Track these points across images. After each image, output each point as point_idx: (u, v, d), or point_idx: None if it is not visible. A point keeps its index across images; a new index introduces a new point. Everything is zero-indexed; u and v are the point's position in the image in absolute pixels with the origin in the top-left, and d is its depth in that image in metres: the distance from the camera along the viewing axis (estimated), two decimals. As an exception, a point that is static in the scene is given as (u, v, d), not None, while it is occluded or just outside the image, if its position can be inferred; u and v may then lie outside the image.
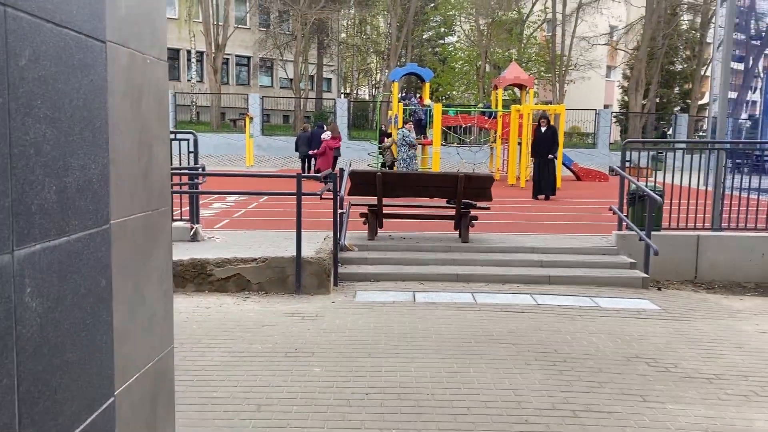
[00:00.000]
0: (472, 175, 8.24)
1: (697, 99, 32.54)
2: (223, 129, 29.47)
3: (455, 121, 19.18)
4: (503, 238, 8.70)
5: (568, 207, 13.29)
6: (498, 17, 33.20)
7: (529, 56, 33.36)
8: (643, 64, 28.83)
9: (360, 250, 8.01)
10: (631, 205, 8.37)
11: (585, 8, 31.47)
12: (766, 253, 8.12)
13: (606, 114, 26.52)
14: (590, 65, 33.26)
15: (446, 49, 40.64)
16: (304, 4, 28.08)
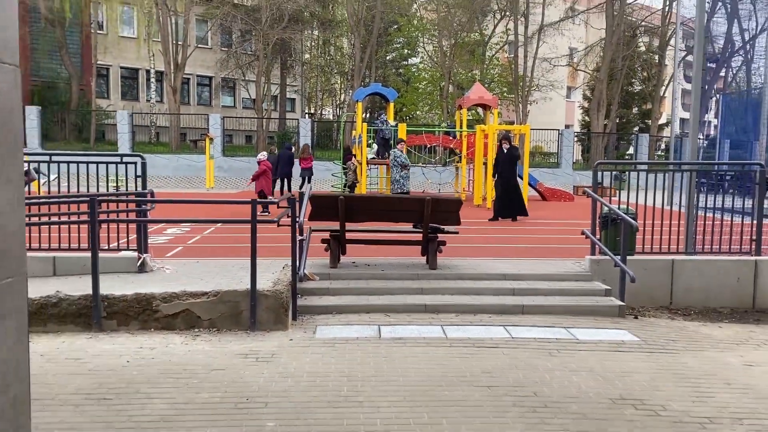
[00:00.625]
0: (440, 198, 7.83)
1: (656, 119, 33.06)
2: (183, 150, 28.66)
3: (420, 140, 18.89)
4: (473, 263, 8.30)
5: (537, 229, 13.01)
6: (461, 38, 33.31)
7: (492, 77, 33.51)
8: (605, 85, 29.16)
9: (321, 279, 7.50)
10: (603, 229, 8.07)
11: (546, 30, 31.78)
12: (742, 278, 7.90)
13: (569, 134, 26.65)
14: (552, 86, 33.57)
15: (409, 69, 40.66)
16: (266, 24, 27.63)
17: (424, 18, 37.47)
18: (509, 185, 13.63)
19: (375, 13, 32.26)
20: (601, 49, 36.07)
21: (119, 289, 6.44)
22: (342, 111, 34.17)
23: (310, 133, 25.27)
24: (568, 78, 42.11)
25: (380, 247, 8.52)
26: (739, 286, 7.91)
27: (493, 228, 12.93)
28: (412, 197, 7.88)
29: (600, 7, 33.09)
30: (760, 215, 7.95)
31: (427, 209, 7.61)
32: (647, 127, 39.56)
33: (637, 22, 32.65)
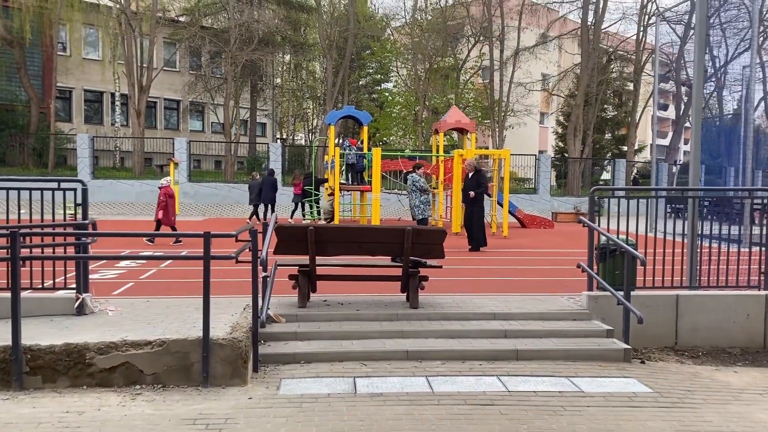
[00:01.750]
0: (422, 229, 7.02)
1: (632, 144, 32.96)
2: (147, 175, 27.49)
3: (395, 165, 18.16)
4: (458, 300, 7.48)
5: (522, 259, 12.27)
6: (435, 63, 32.96)
7: (467, 101, 33.15)
8: (581, 110, 28.93)
9: (288, 322, 6.59)
10: (601, 261, 7.33)
11: (521, 54, 31.61)
12: (752, 314, 7.21)
13: (546, 159, 26.25)
14: (527, 111, 33.34)
15: (383, 94, 40.23)
16: (234, 45, 26.82)
17: (398, 42, 37.15)
18: (469, 214, 13.01)
19: (347, 35, 31.75)
20: (575, 75, 36.11)
21: (48, 337, 5.46)
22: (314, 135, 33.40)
23: (281, 158, 24.39)
24: (541, 104, 42.10)
25: (355, 284, 7.65)
26: (749, 323, 7.22)
27: (474, 258, 12.16)
28: (390, 228, 7.05)
29: (574, 33, 33.11)
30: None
31: (408, 241, 6.80)
32: (621, 152, 39.57)
33: (611, 48, 32.67)
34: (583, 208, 24.68)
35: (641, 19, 30.74)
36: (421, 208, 12.81)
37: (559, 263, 11.58)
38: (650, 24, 30.85)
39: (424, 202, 12.83)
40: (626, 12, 30.96)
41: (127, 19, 26.62)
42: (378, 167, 15.78)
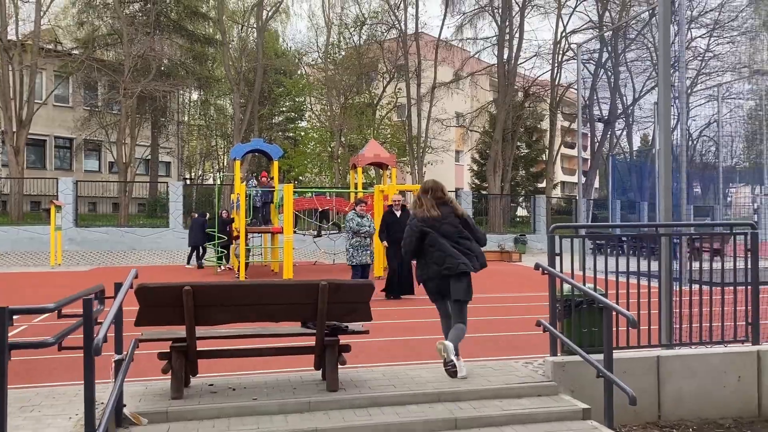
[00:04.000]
0: (342, 283, 5.31)
1: (551, 180, 32.87)
2: (29, 221, 24.28)
3: (310, 204, 16.44)
4: (391, 374, 5.78)
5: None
6: (350, 98, 31.84)
7: (385, 137, 32.09)
8: (500, 146, 28.45)
9: (154, 422, 4.65)
10: (566, 317, 5.88)
11: (438, 89, 31.02)
12: (743, 376, 5.94)
13: (467, 195, 25.36)
14: (445, 148, 32.68)
15: (297, 130, 38.69)
16: (128, 76, 24.42)
17: (311, 76, 35.87)
18: (393, 254, 11.04)
19: (257, 67, 30.06)
20: (490, 114, 36.01)
21: None
22: (221, 173, 31.19)
23: (182, 198, 22.09)
24: (456, 141, 41.83)
25: (253, 360, 5.81)
26: (741, 386, 5.94)
27: (403, 310, 10.53)
28: (298, 283, 5.31)
29: (488, 70, 33.03)
30: (756, 290, 6.12)
31: (323, 300, 5.08)
32: (536, 189, 39.68)
33: (526, 85, 32.74)
34: (506, 245, 23.79)
35: (555, 57, 30.97)
36: (350, 253, 10.97)
37: (500, 312, 10.17)
38: (564, 61, 31.17)
39: (355, 245, 10.91)
40: (540, 50, 31.14)
41: (2, 46, 23.71)
42: (290, 205, 14.00)
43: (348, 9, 33.67)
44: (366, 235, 10.79)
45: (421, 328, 8.53)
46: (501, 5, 29.31)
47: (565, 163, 64.94)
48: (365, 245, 10.80)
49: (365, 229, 10.79)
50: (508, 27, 29.23)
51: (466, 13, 31.62)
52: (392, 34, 31.68)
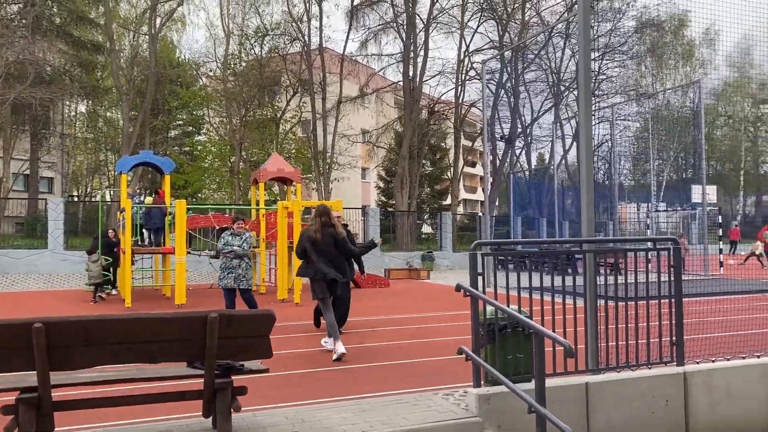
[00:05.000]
0: (236, 314, 4.48)
1: (456, 197, 33.11)
2: None
3: (206, 221, 15.26)
4: (295, 417, 4.98)
5: (366, 333, 10.04)
6: (252, 111, 30.66)
7: (289, 152, 31.10)
8: (407, 162, 28.26)
9: (-11, 502, 3.61)
10: (490, 342, 5.34)
11: (344, 104, 30.52)
12: (671, 399, 5.63)
13: (375, 212, 24.84)
14: (352, 164, 32.17)
15: (193, 143, 36.84)
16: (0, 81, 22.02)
17: (209, 87, 34.34)
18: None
19: (149, 76, 28.28)
20: (394, 131, 35.95)
21: None
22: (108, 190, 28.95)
23: (63, 216, 20.05)
24: (363, 158, 41.54)
25: (129, 409, 4.82)
26: (669, 411, 5.62)
27: (308, 336, 9.70)
28: (182, 316, 4.43)
29: (394, 86, 32.98)
30: (679, 308, 5.86)
31: (212, 335, 4.24)
32: (441, 206, 40.01)
33: (431, 103, 32.91)
34: (414, 262, 23.48)
35: (458, 76, 31.36)
36: (219, 277, 9.68)
37: (413, 334, 9.58)
38: (468, 80, 31.62)
39: (221, 267, 9.64)
40: (444, 68, 31.50)
41: None
42: (182, 223, 12.82)
43: (249, 20, 32.58)
44: (232, 256, 9.45)
45: (327, 357, 7.77)
46: (405, 22, 29.34)
47: (467, 181, 66.48)
48: (230, 267, 9.49)
49: (229, 249, 9.47)
50: (413, 44, 29.28)
51: (370, 28, 31.48)
52: (296, 46, 30.92)
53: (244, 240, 9.51)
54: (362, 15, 31.09)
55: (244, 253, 9.49)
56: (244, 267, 9.53)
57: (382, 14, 31.05)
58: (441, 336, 9.34)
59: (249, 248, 9.60)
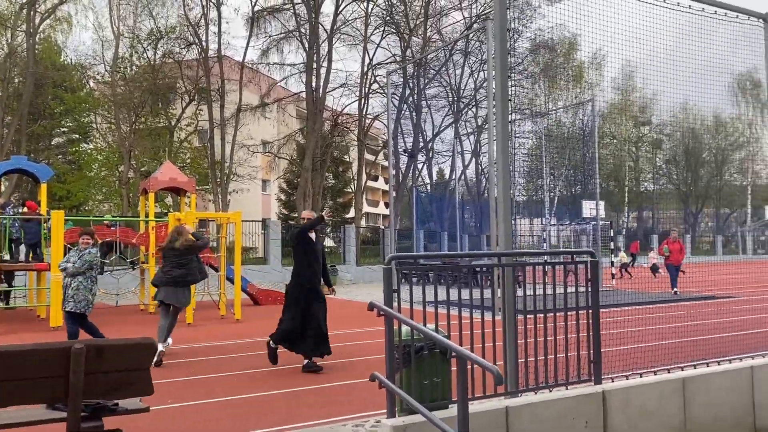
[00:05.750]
0: (107, 345, 3.73)
1: (360, 210, 32.75)
2: None
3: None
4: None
5: (261, 355, 9.31)
6: (144, 117, 28.90)
7: (183, 161, 29.50)
8: (310, 174, 27.56)
9: None
10: (405, 366, 4.87)
11: (244, 114, 29.43)
12: (591, 420, 5.39)
13: (276, 226, 23.93)
14: (252, 175, 31.04)
15: (78, 150, 34.22)
16: None
17: (97, 91, 32.07)
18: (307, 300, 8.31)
19: (27, 75, 25.94)
20: (296, 142, 35.19)
21: None
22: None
23: None
24: (264, 170, 40.37)
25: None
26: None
27: (201, 362, 8.84)
28: (41, 348, 3.63)
29: (296, 97, 32.25)
30: (597, 325, 5.67)
31: (77, 371, 3.49)
32: (343, 220, 39.58)
33: (335, 114, 32.47)
34: (316, 278, 22.76)
35: (362, 89, 31.16)
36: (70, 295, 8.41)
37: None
38: (371, 93, 31.49)
39: (76, 286, 8.36)
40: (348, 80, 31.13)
41: None
42: (59, 237, 11.50)
43: (142, 23, 30.82)
44: (65, 275, 8.31)
45: (221, 383, 7.01)
46: (309, 31, 28.80)
47: (369, 194, 66.69)
48: (64, 287, 8.34)
49: (63, 266, 8.32)
50: (316, 54, 28.77)
51: (272, 36, 30.62)
52: (193, 52, 29.52)
53: (80, 256, 8.29)
54: (264, 22, 30.23)
55: (77, 271, 8.24)
56: (75, 287, 8.25)
57: (284, 22, 30.36)
58: (350, 357, 8.80)
59: (85, 266, 8.31)
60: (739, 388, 6.16)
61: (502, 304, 5.63)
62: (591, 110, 23.35)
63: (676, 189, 57.26)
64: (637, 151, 55.65)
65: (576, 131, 39.75)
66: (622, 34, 5.99)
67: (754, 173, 50.78)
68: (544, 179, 32.61)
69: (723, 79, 6.62)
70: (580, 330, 5.61)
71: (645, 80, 6.57)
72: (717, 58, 6.35)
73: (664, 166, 57.78)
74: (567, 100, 42.36)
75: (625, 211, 53.11)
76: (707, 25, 6.38)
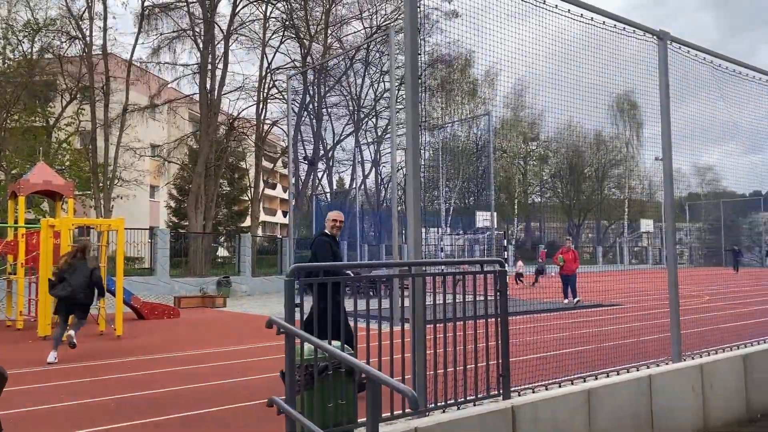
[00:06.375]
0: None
1: (257, 219, 31.66)
2: None
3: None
4: None
5: (148, 377, 8.47)
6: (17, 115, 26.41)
7: (62, 163, 27.17)
8: (203, 179, 26.26)
9: None
10: (307, 387, 4.43)
11: (131, 115, 27.65)
12: (498, 437, 5.18)
13: (164, 234, 22.50)
14: (139, 180, 29.19)
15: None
16: None
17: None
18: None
19: None
20: (189, 147, 33.63)
21: None
22: None
23: None
24: (152, 176, 38.24)
25: None
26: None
27: (78, 384, 7.89)
28: None
29: (189, 99, 30.81)
30: (506, 338, 5.49)
31: None
32: (239, 228, 38.25)
33: (230, 119, 31.27)
34: (209, 289, 21.72)
35: (260, 93, 30.26)
36: None
37: (207, 376, 8.24)
38: (269, 98, 30.65)
39: None
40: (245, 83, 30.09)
41: None
42: None
43: (17, 13, 28.22)
44: None
45: (93, 415, 6.21)
46: (203, 31, 27.58)
47: (266, 203, 65.27)
48: None
49: None
50: (211, 55, 27.60)
51: (164, 34, 29.06)
52: (76, 47, 27.41)
53: None
54: (155, 19, 28.60)
55: None
56: None
57: (177, 20, 28.91)
58: (243, 376, 8.17)
59: None
60: (639, 397, 6.22)
61: (411, 315, 5.32)
62: (486, 124, 23.96)
63: (560, 202, 60.40)
64: (526, 165, 58.25)
65: (470, 145, 40.92)
66: (514, 52, 6.05)
67: (630, 188, 54.35)
68: (441, 190, 33.18)
69: (604, 99, 6.87)
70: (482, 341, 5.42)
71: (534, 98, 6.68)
72: (600, 79, 6.61)
73: (550, 180, 60.86)
74: (462, 114, 43.57)
75: (515, 222, 55.30)
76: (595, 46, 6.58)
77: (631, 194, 54.22)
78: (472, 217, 37.05)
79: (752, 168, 8.96)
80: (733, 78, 8.24)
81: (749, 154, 8.75)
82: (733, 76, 8.23)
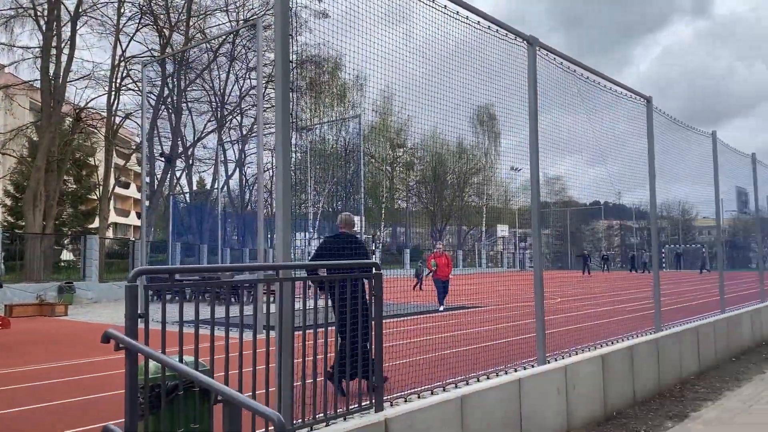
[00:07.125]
0: None
1: (106, 219, 29.09)
2: None
3: None
4: None
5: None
6: None
7: None
8: (42, 175, 23.61)
9: None
10: (154, 410, 3.77)
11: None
12: (373, 451, 4.81)
13: (-5, 235, 19.92)
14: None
15: None
16: None
17: None
18: None
19: None
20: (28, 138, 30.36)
21: None
22: None
23: None
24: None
25: None
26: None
27: None
28: None
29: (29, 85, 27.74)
30: (379, 344, 5.14)
31: None
32: (86, 230, 35.16)
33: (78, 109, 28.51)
34: (48, 296, 19.52)
35: (112, 83, 27.90)
36: None
37: (42, 396, 7.12)
38: (123, 88, 28.35)
39: None
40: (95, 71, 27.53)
41: None
42: None
43: None
44: None
45: None
46: (47, 10, 24.92)
47: (118, 203, 60.87)
48: None
49: None
50: (57, 38, 25.02)
51: (1, 10, 25.92)
52: None
53: None
54: (-12, -6, 25.45)
55: None
56: None
57: (16, -3, 25.89)
58: (82, 395, 7.16)
59: None
60: (510, 402, 6.16)
61: (278, 323, 4.80)
62: (356, 128, 23.83)
63: (425, 207, 62.23)
64: (393, 171, 59.38)
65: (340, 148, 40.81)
66: (383, 56, 5.85)
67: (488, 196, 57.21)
68: (308, 193, 32.61)
69: (467, 110, 6.92)
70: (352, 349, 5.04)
71: (402, 104, 6.56)
72: (467, 87, 6.66)
73: (416, 186, 62.51)
74: (331, 117, 43.33)
75: (381, 226, 56.10)
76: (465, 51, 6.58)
77: (489, 201, 57.03)
78: (337, 221, 36.50)
79: (593, 179, 9.39)
80: (592, 88, 8.58)
81: (592, 166, 9.16)
82: (592, 86, 8.57)
